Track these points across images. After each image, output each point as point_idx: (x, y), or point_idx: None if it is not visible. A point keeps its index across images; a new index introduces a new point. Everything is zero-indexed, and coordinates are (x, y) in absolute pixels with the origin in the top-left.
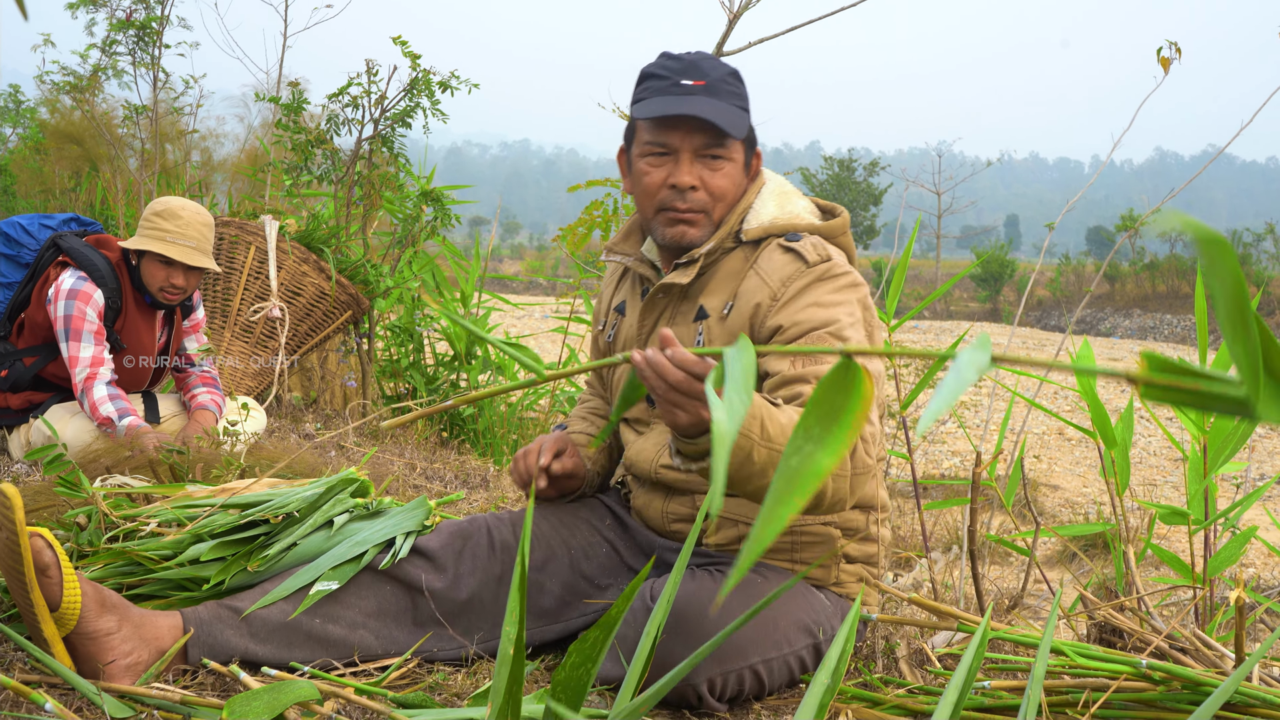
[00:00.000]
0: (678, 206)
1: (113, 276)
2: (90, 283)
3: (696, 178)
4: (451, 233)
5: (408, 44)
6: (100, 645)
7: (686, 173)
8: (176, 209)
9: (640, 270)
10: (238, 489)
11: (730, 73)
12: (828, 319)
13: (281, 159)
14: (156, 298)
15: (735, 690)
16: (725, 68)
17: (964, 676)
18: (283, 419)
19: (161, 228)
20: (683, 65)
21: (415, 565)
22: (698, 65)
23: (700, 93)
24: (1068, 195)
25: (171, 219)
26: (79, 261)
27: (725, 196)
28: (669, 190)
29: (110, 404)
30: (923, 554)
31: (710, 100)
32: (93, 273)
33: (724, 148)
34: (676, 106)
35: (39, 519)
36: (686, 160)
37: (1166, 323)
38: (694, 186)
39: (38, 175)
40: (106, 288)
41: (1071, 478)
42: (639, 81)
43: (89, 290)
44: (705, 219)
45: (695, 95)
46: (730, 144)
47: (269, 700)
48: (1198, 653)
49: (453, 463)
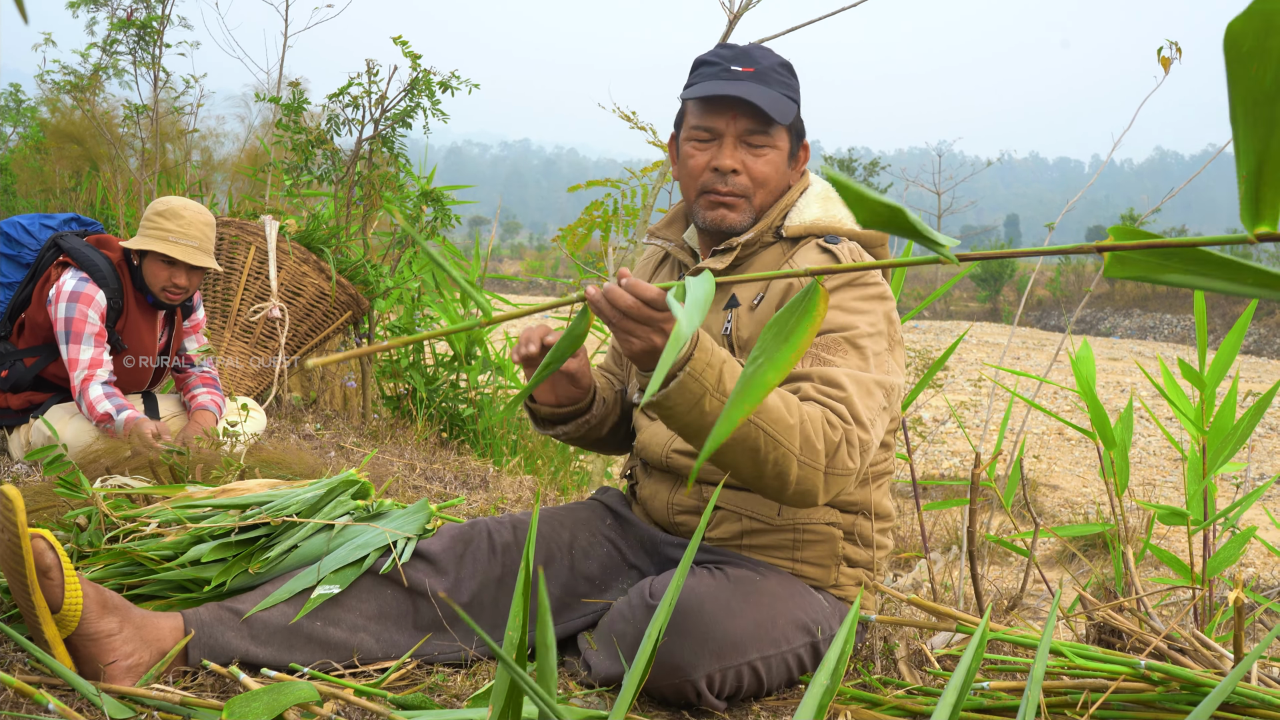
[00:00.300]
0: (719, 189)
1: (114, 277)
2: (92, 284)
3: (739, 161)
4: (451, 233)
5: (408, 44)
6: (101, 646)
7: (729, 156)
8: (179, 209)
9: (680, 256)
10: (238, 490)
11: (782, 63)
12: (846, 323)
13: (282, 159)
14: (158, 298)
15: (734, 688)
16: (778, 58)
17: (963, 677)
18: (282, 419)
19: (164, 227)
20: (735, 53)
21: (417, 569)
22: (749, 53)
23: (749, 79)
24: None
25: (174, 219)
26: (80, 262)
27: (767, 183)
28: (711, 173)
29: (107, 401)
30: (922, 554)
31: (759, 86)
32: (94, 273)
33: (768, 134)
34: (723, 89)
35: (39, 520)
36: (730, 144)
37: (1166, 322)
38: (736, 170)
39: (38, 175)
40: (108, 288)
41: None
42: (693, 69)
43: (90, 292)
44: (746, 204)
45: (744, 80)
46: (775, 131)
47: (269, 701)
48: (1196, 653)
49: (452, 463)
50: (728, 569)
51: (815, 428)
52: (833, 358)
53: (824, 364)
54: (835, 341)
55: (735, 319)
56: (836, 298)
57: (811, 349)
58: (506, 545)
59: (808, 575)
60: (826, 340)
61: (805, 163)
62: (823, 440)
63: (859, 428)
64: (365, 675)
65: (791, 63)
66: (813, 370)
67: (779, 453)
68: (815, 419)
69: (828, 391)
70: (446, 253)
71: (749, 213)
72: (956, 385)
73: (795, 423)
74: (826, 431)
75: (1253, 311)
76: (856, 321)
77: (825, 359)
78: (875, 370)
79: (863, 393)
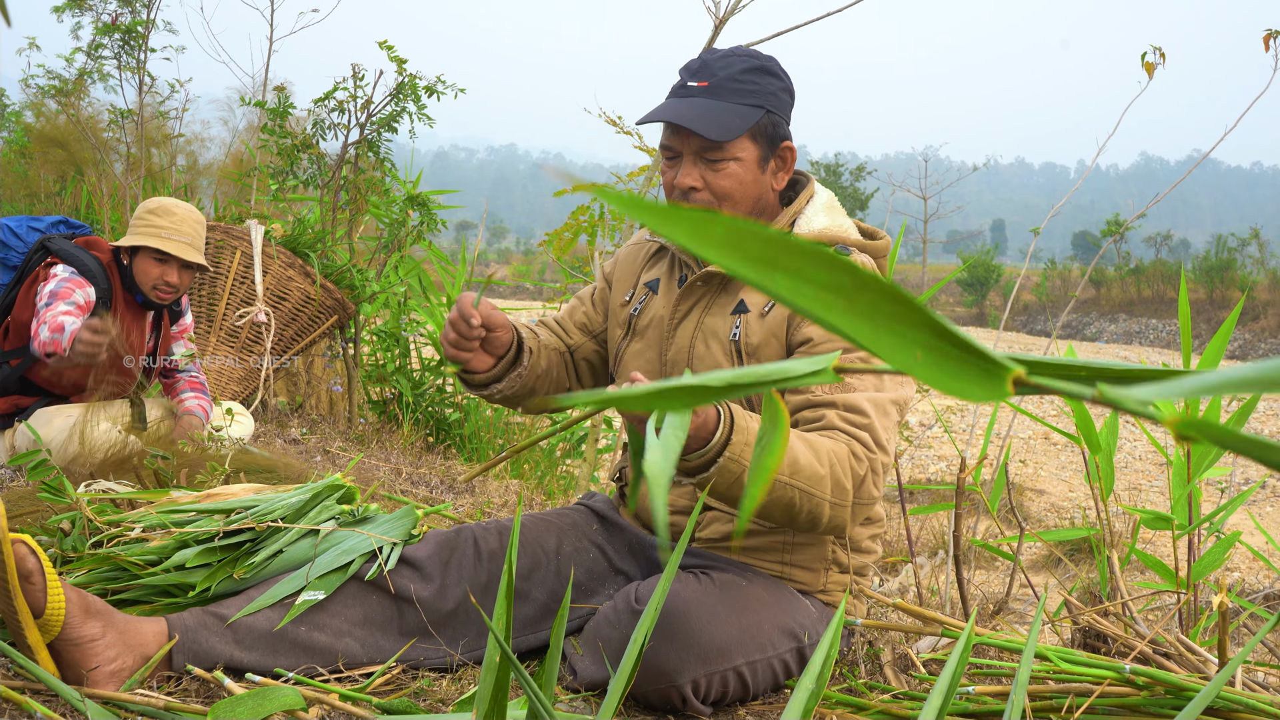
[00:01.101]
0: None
1: (104, 276)
2: (82, 278)
3: (698, 179)
4: (438, 237)
5: (394, 48)
6: (84, 651)
7: (686, 174)
8: (170, 206)
9: (684, 256)
10: (223, 494)
11: (751, 68)
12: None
13: (267, 163)
14: (149, 296)
15: (720, 693)
16: (746, 64)
17: (948, 681)
18: (268, 423)
19: (156, 224)
20: (699, 65)
21: (402, 575)
22: (709, 65)
23: (701, 94)
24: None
25: (166, 215)
26: (69, 262)
27: (731, 196)
28: (677, 192)
29: (64, 320)
30: (908, 559)
31: (706, 102)
32: (84, 272)
33: (721, 149)
34: (663, 112)
35: (23, 525)
36: (688, 162)
37: (1152, 327)
38: (695, 188)
39: (22, 179)
40: (98, 286)
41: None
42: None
43: (82, 281)
44: None
45: (693, 98)
46: (729, 145)
47: (253, 706)
48: (1181, 658)
49: (438, 468)
50: (714, 574)
51: (843, 467)
52: (851, 380)
53: (845, 389)
54: (853, 361)
55: (744, 325)
56: None
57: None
58: (493, 552)
59: (797, 579)
60: (846, 360)
61: (791, 165)
62: (850, 478)
63: (881, 453)
64: (350, 680)
65: (770, 64)
66: (836, 398)
67: (813, 503)
68: (842, 458)
69: (852, 419)
70: (433, 257)
71: None
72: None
73: (826, 471)
74: (853, 466)
75: (1237, 316)
76: None
77: (846, 385)
78: (889, 387)
79: (881, 414)
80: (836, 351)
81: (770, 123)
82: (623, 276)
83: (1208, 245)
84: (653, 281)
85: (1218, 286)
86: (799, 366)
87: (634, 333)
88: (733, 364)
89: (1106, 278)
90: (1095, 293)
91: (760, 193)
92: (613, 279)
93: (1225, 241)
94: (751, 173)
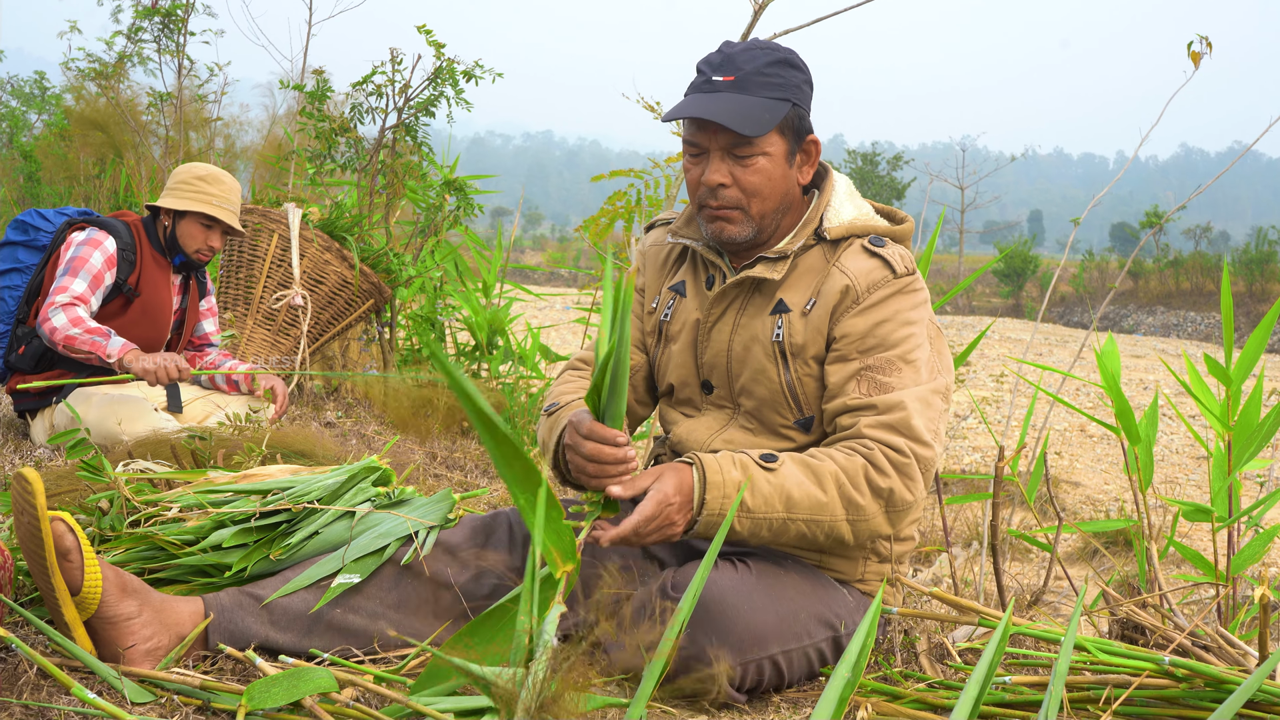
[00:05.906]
0: (711, 204)
1: (128, 233)
2: (102, 231)
3: (727, 175)
4: (474, 222)
5: (432, 33)
6: (121, 630)
7: (715, 171)
8: (219, 175)
9: (708, 255)
10: (259, 475)
11: (775, 61)
12: (900, 339)
13: (305, 147)
14: (191, 258)
15: (755, 680)
16: (769, 56)
17: (985, 671)
18: (304, 407)
19: (206, 191)
20: (721, 59)
21: (438, 559)
22: (733, 59)
23: (727, 89)
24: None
25: (215, 184)
26: (95, 223)
27: (760, 192)
28: (704, 188)
29: (90, 324)
30: (944, 549)
31: (734, 97)
32: (104, 226)
33: (751, 144)
34: (692, 107)
35: (61, 503)
36: (716, 158)
37: (1190, 320)
38: (724, 184)
39: (63, 162)
40: (120, 239)
41: (1093, 474)
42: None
43: (100, 237)
44: (741, 215)
45: (721, 93)
46: (759, 139)
47: (288, 686)
48: (1220, 650)
49: (473, 453)
50: (750, 561)
51: (856, 484)
52: (889, 380)
53: (883, 389)
54: (889, 362)
55: (787, 325)
56: (889, 307)
57: (868, 372)
58: (528, 537)
59: (835, 568)
60: (882, 362)
61: (816, 158)
62: (868, 493)
63: (920, 445)
64: (384, 662)
65: (791, 57)
66: (876, 399)
67: (824, 528)
68: (854, 474)
69: (887, 422)
70: (469, 242)
71: (747, 224)
72: (979, 381)
73: (829, 497)
74: (871, 479)
75: (1278, 310)
76: (910, 333)
77: (883, 382)
78: (928, 378)
79: (924, 408)
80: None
81: (796, 116)
82: (650, 281)
83: (1247, 238)
84: (678, 284)
85: (1257, 279)
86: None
87: (666, 339)
88: (776, 365)
89: (1145, 270)
90: (1133, 285)
91: (788, 187)
92: (642, 284)
93: (1265, 234)
94: (780, 167)
